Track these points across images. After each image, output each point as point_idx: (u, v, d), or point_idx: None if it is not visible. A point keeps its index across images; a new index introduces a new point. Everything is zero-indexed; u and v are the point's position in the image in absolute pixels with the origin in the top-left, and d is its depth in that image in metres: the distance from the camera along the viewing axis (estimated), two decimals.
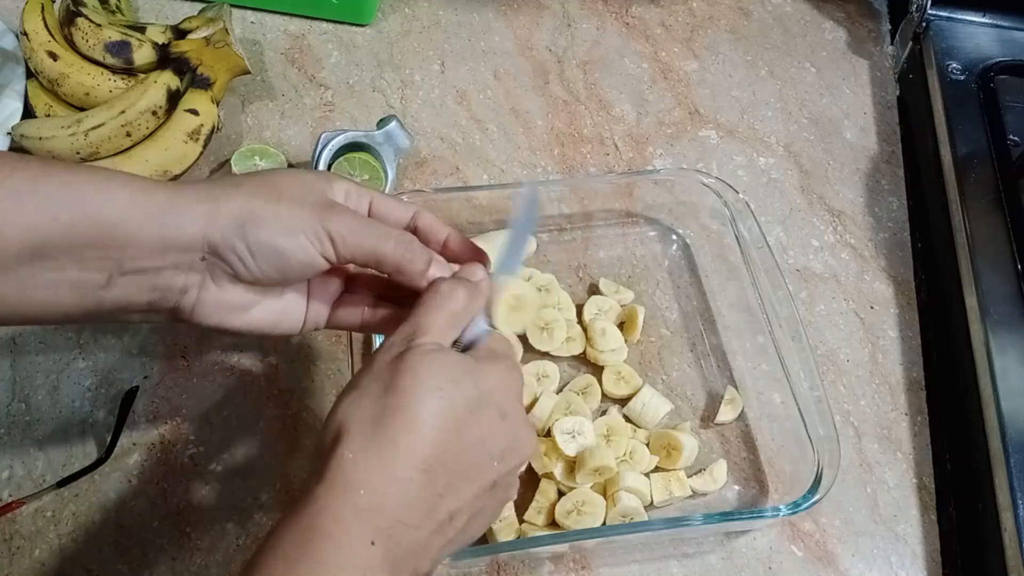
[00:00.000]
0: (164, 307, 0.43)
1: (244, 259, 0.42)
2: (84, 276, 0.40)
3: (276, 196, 0.42)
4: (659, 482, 0.58)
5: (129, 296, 0.41)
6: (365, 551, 0.36)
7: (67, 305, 0.40)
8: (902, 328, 0.69)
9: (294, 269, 0.43)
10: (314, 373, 0.62)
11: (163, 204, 0.40)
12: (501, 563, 0.56)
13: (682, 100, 0.82)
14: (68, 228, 0.38)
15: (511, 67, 0.82)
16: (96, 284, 0.40)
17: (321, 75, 0.79)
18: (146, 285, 0.41)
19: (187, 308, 0.43)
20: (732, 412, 0.62)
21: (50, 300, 0.40)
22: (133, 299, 0.42)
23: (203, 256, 0.41)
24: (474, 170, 0.74)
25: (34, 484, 0.56)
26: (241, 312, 0.44)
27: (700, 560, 0.57)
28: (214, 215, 0.41)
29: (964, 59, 0.80)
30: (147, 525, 0.55)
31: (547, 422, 0.58)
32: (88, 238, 0.39)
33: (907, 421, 0.64)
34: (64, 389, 0.60)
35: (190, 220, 0.41)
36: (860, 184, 0.78)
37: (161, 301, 0.42)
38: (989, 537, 0.56)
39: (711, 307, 0.68)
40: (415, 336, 0.41)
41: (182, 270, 0.42)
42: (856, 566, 0.58)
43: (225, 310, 0.44)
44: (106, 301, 0.41)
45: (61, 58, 0.69)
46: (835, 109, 0.83)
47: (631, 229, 0.72)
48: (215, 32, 0.69)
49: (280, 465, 0.58)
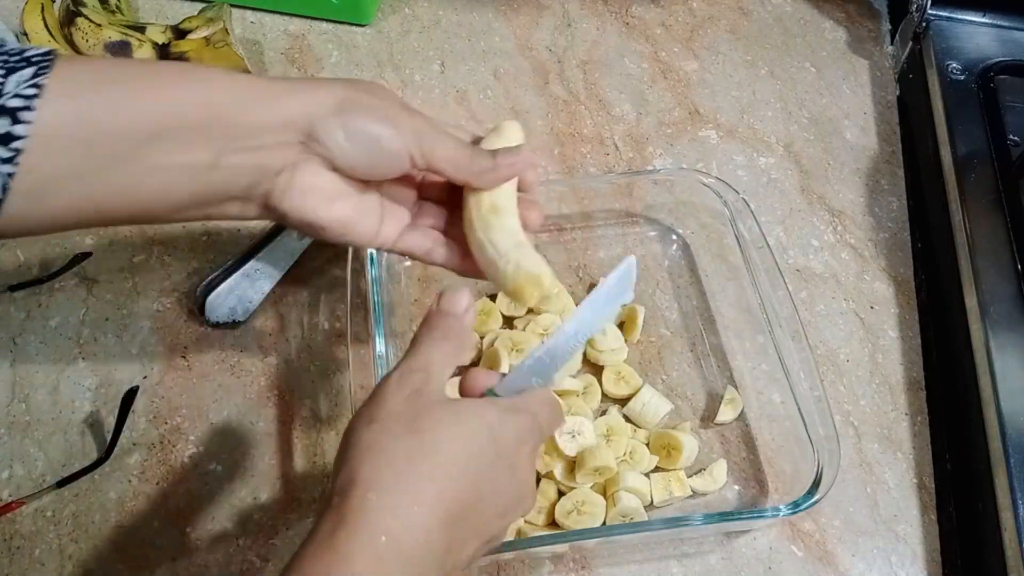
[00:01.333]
0: (259, 192, 0.44)
1: (340, 141, 0.43)
2: (193, 158, 0.41)
3: (370, 91, 0.45)
4: (659, 482, 0.58)
5: (232, 178, 0.43)
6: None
7: (176, 191, 0.42)
8: (902, 328, 0.69)
9: (384, 158, 0.45)
10: (314, 373, 0.62)
11: (266, 88, 0.43)
12: (501, 563, 0.56)
13: (682, 100, 0.82)
14: (181, 114, 0.41)
15: (511, 67, 0.82)
16: (205, 165, 0.42)
17: (321, 75, 0.79)
18: (248, 165, 0.43)
19: (279, 191, 0.44)
20: (732, 412, 0.62)
21: (161, 184, 0.42)
22: (236, 181, 0.43)
23: (301, 139, 0.43)
24: None
25: (34, 484, 0.56)
26: (326, 201, 0.46)
27: (700, 560, 0.57)
28: (315, 98, 0.43)
29: (964, 59, 0.80)
30: (147, 525, 0.55)
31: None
32: (199, 122, 0.41)
33: (907, 421, 0.64)
34: (64, 389, 0.60)
35: (292, 100, 0.43)
36: (860, 184, 0.78)
37: (257, 185, 0.44)
38: (989, 537, 0.56)
39: (711, 307, 0.68)
40: (431, 371, 0.41)
41: (280, 150, 0.43)
42: (856, 566, 0.58)
43: (314, 196, 0.45)
44: (212, 184, 0.43)
45: None
46: (835, 109, 0.83)
47: (631, 229, 0.72)
48: (215, 32, 0.69)
49: (280, 465, 0.58)
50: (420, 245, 0.50)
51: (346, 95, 0.44)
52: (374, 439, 0.38)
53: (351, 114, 0.43)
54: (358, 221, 0.47)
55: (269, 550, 0.55)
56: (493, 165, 0.47)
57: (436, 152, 0.45)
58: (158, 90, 0.41)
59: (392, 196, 0.50)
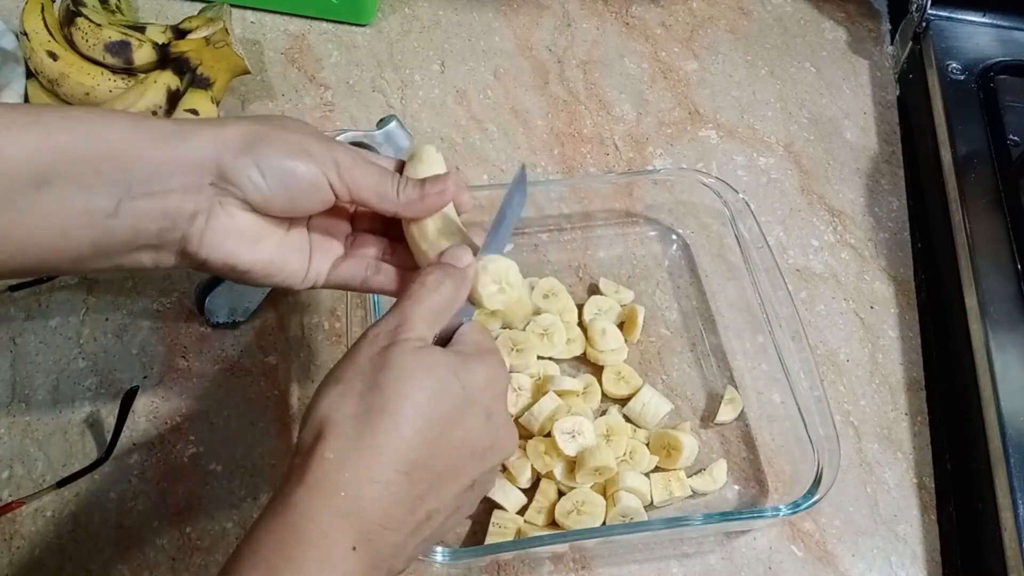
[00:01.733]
0: (173, 238, 0.42)
1: (253, 178, 0.41)
2: (91, 203, 0.39)
3: (282, 125, 0.43)
4: (659, 482, 0.58)
5: (139, 225, 0.41)
6: (347, 556, 0.36)
7: (75, 240, 0.40)
8: (902, 328, 0.69)
9: (303, 191, 0.43)
10: (314, 373, 0.62)
11: (169, 128, 0.41)
12: (501, 563, 0.56)
13: (682, 100, 0.82)
14: (72, 152, 0.38)
15: (511, 67, 0.82)
16: (104, 211, 0.39)
17: (321, 75, 0.79)
18: (155, 211, 0.41)
19: (196, 237, 0.42)
20: (732, 412, 0.62)
21: (58, 233, 0.39)
22: (143, 228, 0.41)
23: (212, 181, 0.41)
24: (474, 170, 0.74)
25: (34, 484, 0.56)
26: (249, 243, 0.44)
27: (700, 560, 0.57)
28: (222, 137, 0.41)
29: (964, 59, 0.80)
30: (147, 525, 0.55)
31: (547, 422, 0.58)
32: (93, 162, 0.39)
33: (907, 421, 0.64)
34: (64, 389, 0.60)
35: (198, 141, 0.41)
36: (860, 184, 0.78)
37: (170, 231, 0.42)
38: (989, 537, 0.56)
39: (711, 307, 0.68)
40: (400, 329, 0.41)
41: (191, 193, 0.41)
42: (856, 566, 0.58)
43: (234, 239, 0.43)
44: (116, 232, 0.40)
45: (61, 58, 0.69)
46: (835, 109, 0.83)
47: (631, 229, 0.72)
48: (215, 32, 0.69)
49: (280, 465, 0.58)
50: (354, 275, 0.48)
51: (256, 130, 0.42)
52: (336, 399, 0.39)
53: (262, 150, 0.41)
54: (285, 260, 0.45)
55: None
56: (421, 195, 0.45)
57: (359, 183, 0.43)
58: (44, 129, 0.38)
59: (323, 230, 0.48)
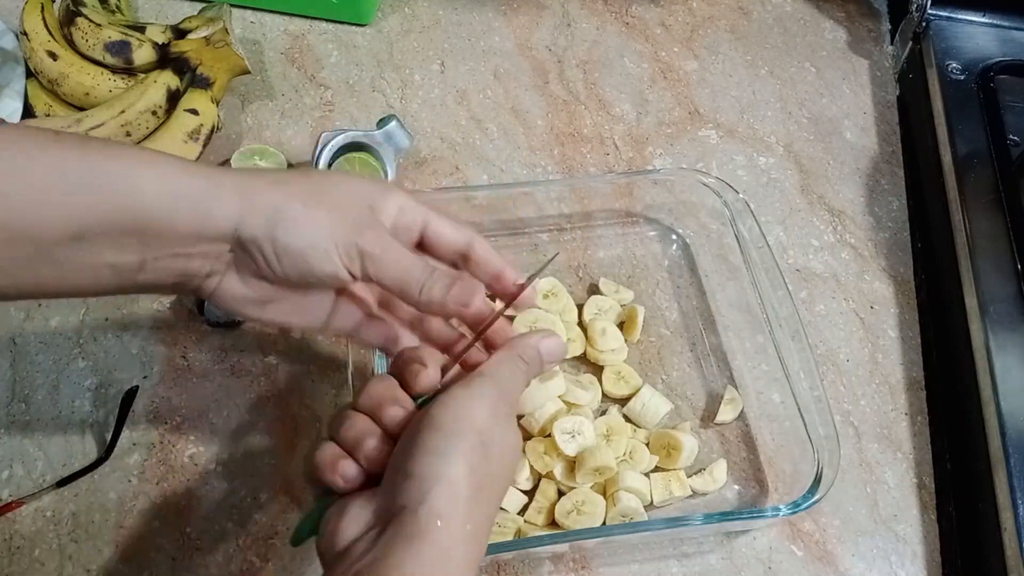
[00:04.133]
0: (188, 288, 0.44)
1: (269, 259, 0.42)
2: (120, 259, 0.40)
3: (316, 201, 0.42)
4: (659, 482, 0.58)
5: (159, 278, 0.42)
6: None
7: (102, 285, 0.42)
8: (902, 328, 0.69)
9: (317, 277, 0.42)
10: (314, 373, 0.62)
11: (199, 193, 0.41)
12: (501, 563, 0.56)
13: (682, 100, 0.82)
14: (111, 217, 0.39)
15: (511, 67, 0.82)
16: (131, 267, 0.41)
17: (321, 75, 0.79)
18: (175, 269, 0.42)
19: (208, 290, 0.44)
20: (732, 412, 0.62)
21: (87, 281, 0.41)
22: (162, 280, 0.43)
23: (230, 249, 0.42)
24: (474, 170, 0.74)
25: (34, 484, 0.56)
26: (258, 305, 0.45)
27: (700, 560, 0.57)
28: (248, 210, 0.41)
29: (964, 59, 0.80)
30: (147, 525, 0.55)
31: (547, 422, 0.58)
32: (126, 227, 0.40)
33: (907, 421, 0.64)
34: (64, 389, 0.60)
35: (223, 213, 0.41)
36: (860, 184, 0.78)
37: (186, 283, 0.43)
38: (989, 537, 0.56)
39: (711, 307, 0.68)
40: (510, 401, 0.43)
41: (210, 258, 0.42)
42: (856, 566, 0.58)
43: (242, 301, 0.44)
44: (138, 281, 0.42)
45: (61, 58, 0.69)
46: (835, 109, 0.83)
47: (631, 229, 0.72)
48: (215, 32, 0.69)
49: (280, 465, 0.58)
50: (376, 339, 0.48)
51: (283, 206, 0.41)
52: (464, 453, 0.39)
53: (283, 228, 0.41)
54: (300, 319, 0.47)
55: (269, 550, 0.55)
56: (443, 301, 0.43)
57: (382, 275, 0.43)
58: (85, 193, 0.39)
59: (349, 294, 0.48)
